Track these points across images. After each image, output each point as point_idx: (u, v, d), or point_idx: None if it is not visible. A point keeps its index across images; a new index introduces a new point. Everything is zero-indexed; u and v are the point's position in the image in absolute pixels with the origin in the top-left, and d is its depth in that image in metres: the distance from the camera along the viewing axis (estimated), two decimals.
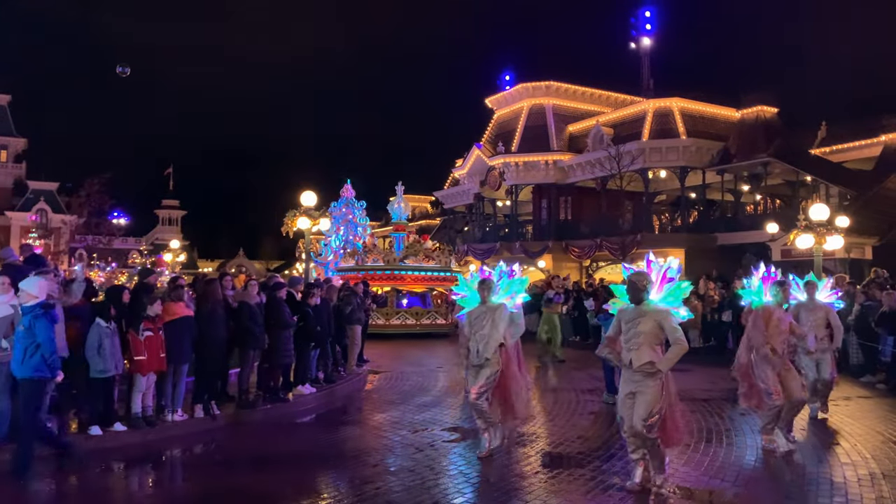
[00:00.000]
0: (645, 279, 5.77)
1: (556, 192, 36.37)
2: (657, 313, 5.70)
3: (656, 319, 5.65)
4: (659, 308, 5.75)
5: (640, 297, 5.76)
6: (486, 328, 6.94)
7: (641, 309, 5.74)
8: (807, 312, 8.77)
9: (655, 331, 5.64)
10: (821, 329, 8.71)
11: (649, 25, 43.38)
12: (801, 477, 6.33)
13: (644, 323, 5.67)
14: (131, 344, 7.77)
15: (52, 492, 6.29)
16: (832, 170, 28.98)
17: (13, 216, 55.78)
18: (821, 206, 16.59)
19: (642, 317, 5.70)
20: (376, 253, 23.40)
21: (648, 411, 5.57)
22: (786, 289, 7.34)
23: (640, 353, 5.64)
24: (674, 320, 5.71)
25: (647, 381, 5.63)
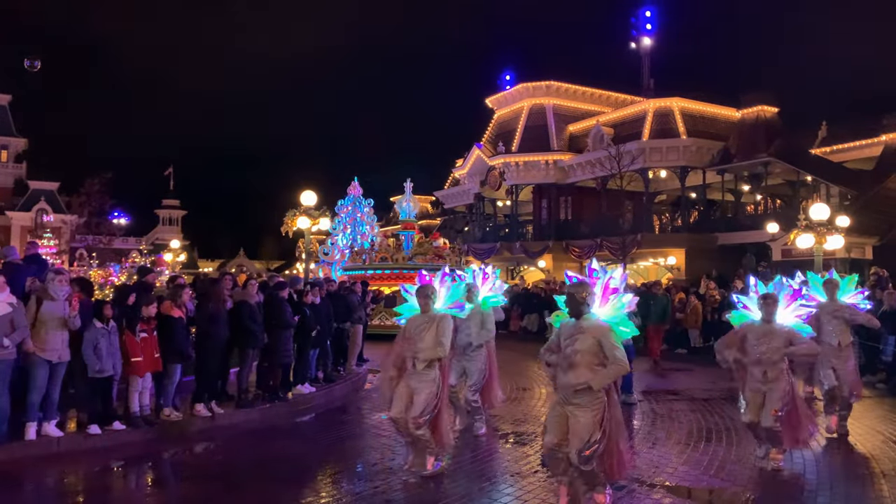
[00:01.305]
0: (585, 291, 5.19)
1: (556, 192, 36.37)
2: (596, 330, 5.07)
3: (595, 337, 5.02)
4: (599, 325, 5.12)
5: (580, 311, 5.17)
6: (425, 340, 6.21)
7: (580, 324, 5.14)
8: (828, 316, 7.94)
9: (594, 349, 5.01)
10: (845, 335, 7.96)
11: (650, 25, 43.38)
12: (802, 476, 6.32)
13: (582, 340, 5.05)
14: (127, 345, 7.77)
15: (51, 490, 6.29)
16: (832, 169, 28.97)
17: (14, 216, 55.76)
18: (821, 206, 16.57)
19: (581, 333, 5.08)
20: (384, 252, 22.96)
21: (584, 440, 4.91)
22: (770, 304, 6.48)
23: (575, 373, 5.01)
24: (614, 338, 5.07)
25: (584, 403, 4.98)
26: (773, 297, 6.51)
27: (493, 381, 8.17)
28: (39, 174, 57.20)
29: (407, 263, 22.02)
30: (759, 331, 6.48)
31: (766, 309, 6.48)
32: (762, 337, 6.43)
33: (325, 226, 18.52)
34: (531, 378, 12.83)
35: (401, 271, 21.69)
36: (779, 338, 6.39)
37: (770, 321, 6.46)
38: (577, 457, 4.91)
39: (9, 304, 6.89)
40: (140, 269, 11.92)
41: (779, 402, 6.23)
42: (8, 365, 6.89)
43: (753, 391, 6.44)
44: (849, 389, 7.87)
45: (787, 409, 6.28)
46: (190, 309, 8.76)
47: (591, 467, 4.96)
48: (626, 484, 5.79)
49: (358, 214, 27.59)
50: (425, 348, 6.17)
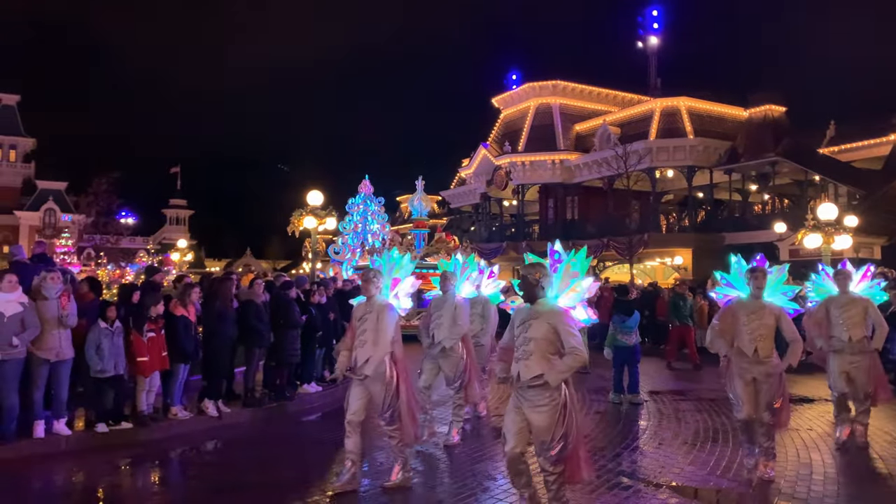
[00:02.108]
0: (539, 272, 4.72)
1: (562, 192, 36.33)
2: (551, 315, 4.62)
3: (550, 322, 4.59)
4: (555, 309, 4.67)
5: (534, 295, 4.71)
6: (366, 333, 5.66)
7: (535, 309, 4.70)
8: (838, 309, 7.36)
9: (549, 336, 4.57)
10: (857, 328, 7.24)
11: (656, 24, 43.28)
12: (808, 477, 6.29)
13: (536, 326, 4.61)
14: (134, 345, 7.80)
15: (59, 488, 6.32)
16: (841, 169, 28.85)
17: (22, 215, 56.09)
18: (829, 206, 16.51)
19: (535, 319, 4.65)
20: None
21: (548, 441, 4.53)
22: (758, 276, 6.06)
23: (529, 363, 4.58)
24: (570, 323, 4.63)
25: (540, 399, 4.55)
26: (761, 270, 6.11)
27: (471, 378, 7.56)
28: (47, 174, 57.53)
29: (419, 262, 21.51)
30: (750, 307, 6.10)
31: (754, 283, 6.07)
32: (753, 313, 6.05)
33: (331, 225, 18.51)
34: None
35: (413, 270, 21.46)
36: (770, 314, 6.03)
37: (759, 296, 6.08)
38: (545, 459, 4.55)
39: (20, 303, 6.94)
40: (148, 268, 11.98)
41: (775, 393, 5.96)
42: (17, 364, 6.93)
43: (745, 381, 6.03)
44: (864, 392, 7.27)
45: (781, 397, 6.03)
46: (198, 308, 8.80)
47: (561, 468, 4.57)
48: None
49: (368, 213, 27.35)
50: (366, 340, 5.64)
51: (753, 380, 6.01)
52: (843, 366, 7.29)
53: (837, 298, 7.44)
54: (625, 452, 7.12)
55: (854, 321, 7.23)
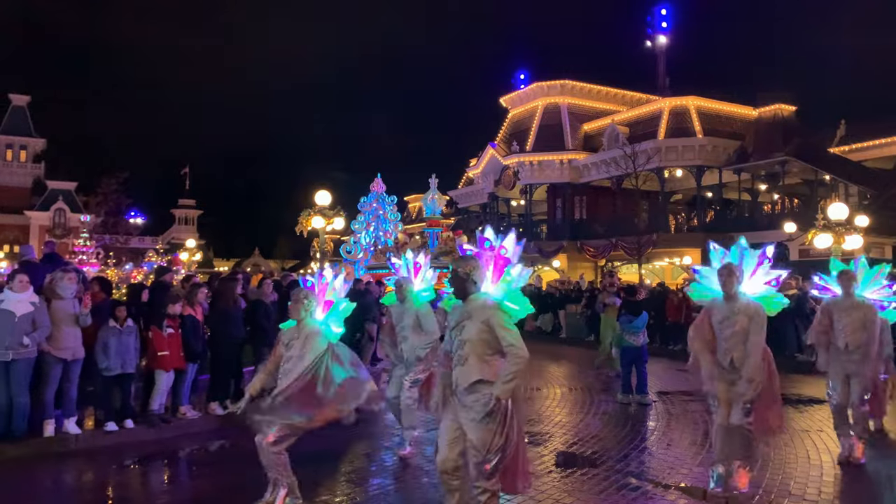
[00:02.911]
0: (470, 265, 4.26)
1: (570, 192, 36.26)
2: (484, 311, 4.15)
3: (483, 320, 4.12)
4: (486, 303, 4.19)
5: (466, 290, 4.25)
6: (291, 361, 5.17)
7: (467, 308, 4.24)
8: (840, 312, 6.72)
9: (484, 336, 4.12)
10: (857, 335, 6.58)
11: (665, 23, 43.11)
12: (819, 479, 6.25)
13: (469, 326, 4.16)
14: (154, 340, 7.87)
15: (68, 486, 6.36)
16: (851, 168, 28.67)
17: (32, 215, 56.49)
18: (840, 206, 16.42)
19: (468, 319, 4.19)
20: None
21: (484, 452, 4.06)
22: (730, 273, 5.34)
23: (465, 369, 4.14)
24: (504, 319, 4.15)
25: (477, 408, 4.08)
26: (728, 269, 5.35)
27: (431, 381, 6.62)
28: (57, 174, 57.90)
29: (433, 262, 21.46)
30: (722, 310, 5.43)
31: (723, 282, 5.37)
32: (725, 320, 5.39)
33: (339, 225, 18.54)
34: (544, 378, 12.80)
35: None
36: (744, 316, 5.30)
37: (732, 296, 5.37)
38: (478, 472, 4.08)
39: (31, 303, 7.00)
40: (158, 268, 12.04)
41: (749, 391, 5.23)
42: (28, 363, 6.99)
43: (725, 383, 5.43)
44: (859, 401, 6.57)
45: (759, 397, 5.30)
46: (205, 308, 8.85)
47: (494, 483, 4.12)
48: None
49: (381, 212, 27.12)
50: (290, 369, 5.14)
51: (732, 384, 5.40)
52: (840, 372, 6.71)
53: (840, 301, 6.82)
54: (633, 453, 7.09)
55: (853, 327, 6.62)
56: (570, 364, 14.93)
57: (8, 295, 6.99)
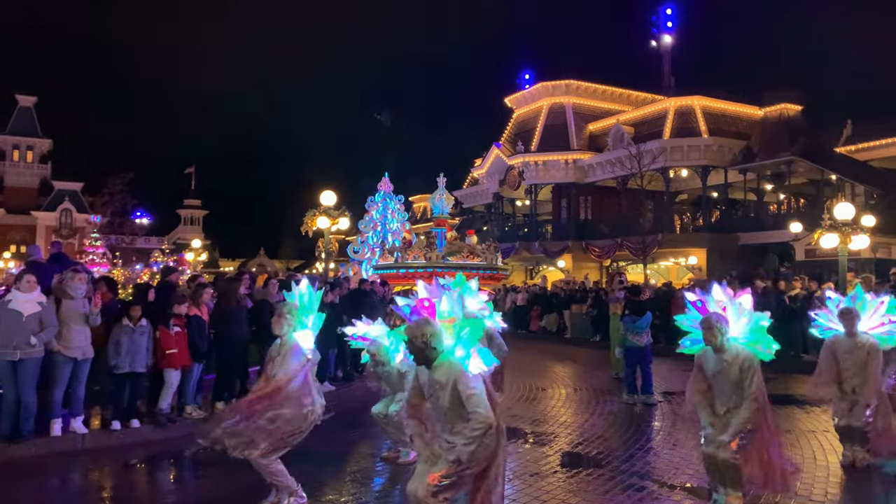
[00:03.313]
0: (424, 330, 3.95)
1: (575, 192, 36.21)
2: (450, 376, 3.88)
3: (451, 387, 3.88)
4: (450, 369, 3.91)
5: (428, 358, 3.97)
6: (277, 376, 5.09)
7: (434, 378, 3.97)
8: (844, 354, 6.51)
9: (457, 401, 3.87)
10: (857, 378, 6.45)
11: (670, 23, 43.01)
12: (825, 480, 6.23)
13: (444, 396, 3.93)
14: (162, 339, 7.91)
15: (75, 486, 6.38)
16: (858, 168, 28.53)
17: (39, 216, 56.77)
18: (846, 205, 16.32)
19: (440, 389, 3.95)
20: (416, 249, 21.19)
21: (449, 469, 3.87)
22: (707, 329, 5.10)
23: (453, 436, 3.92)
24: (467, 379, 3.85)
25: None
26: (708, 322, 5.10)
27: None
28: (64, 175, 58.15)
29: (441, 262, 20.36)
30: (713, 362, 5.19)
31: (705, 336, 5.14)
32: (717, 373, 5.16)
33: (344, 225, 18.52)
34: (549, 378, 12.79)
35: (434, 270, 19.33)
36: (735, 367, 5.06)
37: (720, 349, 5.12)
38: (425, 485, 3.87)
39: (38, 303, 7.04)
40: (164, 268, 12.09)
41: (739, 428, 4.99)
42: (36, 363, 7.03)
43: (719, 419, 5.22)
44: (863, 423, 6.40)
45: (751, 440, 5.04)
46: (210, 308, 8.88)
47: None
48: None
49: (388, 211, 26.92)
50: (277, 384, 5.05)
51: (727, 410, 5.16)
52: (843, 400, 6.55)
53: (843, 342, 6.57)
54: (639, 453, 7.09)
55: (856, 369, 6.43)
56: (575, 364, 14.92)
57: (15, 295, 7.03)
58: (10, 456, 6.74)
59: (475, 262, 20.48)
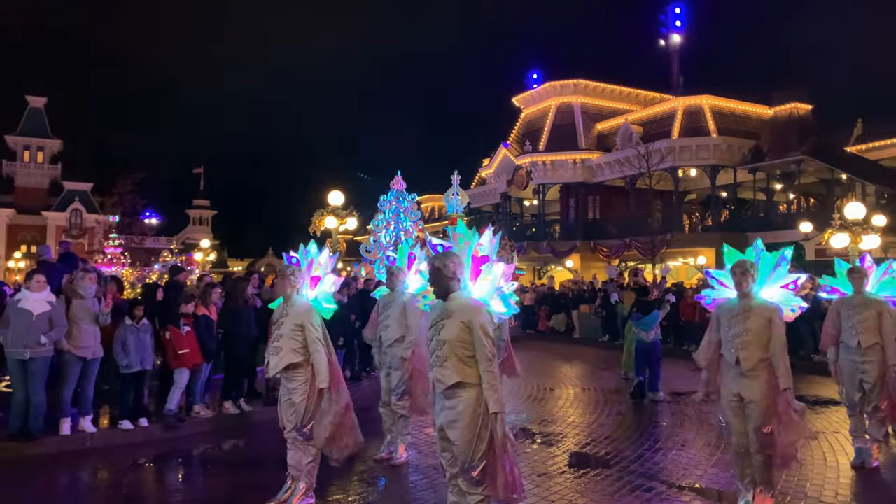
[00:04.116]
0: (454, 261, 4.07)
1: (584, 192, 36.12)
2: (464, 311, 3.98)
3: (463, 321, 3.94)
4: (469, 304, 4.03)
5: (449, 288, 4.06)
6: (282, 339, 5.16)
7: (447, 307, 4.05)
8: (849, 310, 6.51)
9: (464, 337, 3.92)
10: (867, 333, 6.35)
11: (679, 22, 42.78)
12: (836, 481, 6.18)
13: (449, 327, 3.97)
14: (173, 339, 7.94)
15: (85, 484, 6.41)
16: (868, 168, 28.33)
17: (49, 216, 57.11)
18: (856, 205, 16.25)
19: (447, 318, 4.00)
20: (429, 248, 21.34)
21: (469, 458, 3.89)
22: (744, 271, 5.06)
23: (445, 371, 3.95)
24: (486, 321, 3.95)
25: (458, 410, 3.93)
26: (741, 266, 5.08)
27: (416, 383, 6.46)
28: (74, 175, 58.48)
29: None
30: (733, 310, 5.13)
31: (736, 280, 5.09)
32: (736, 317, 5.07)
33: (352, 225, 18.55)
34: (557, 378, 12.76)
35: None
36: (758, 315, 4.98)
37: (746, 295, 5.08)
38: (466, 481, 3.91)
39: (48, 302, 7.08)
40: (172, 268, 12.13)
41: (762, 417, 4.89)
42: (46, 362, 7.08)
43: (733, 402, 5.07)
44: (873, 405, 6.37)
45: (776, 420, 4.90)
46: (219, 308, 8.91)
47: (485, 490, 3.91)
48: None
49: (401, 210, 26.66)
50: (280, 347, 5.15)
51: (740, 398, 5.05)
52: (853, 374, 6.49)
53: (850, 299, 6.60)
54: (647, 454, 7.05)
55: (865, 325, 6.37)
56: (583, 364, 14.87)
57: (25, 294, 7.08)
58: (20, 454, 6.79)
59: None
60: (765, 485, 5.05)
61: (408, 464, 6.68)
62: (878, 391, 6.37)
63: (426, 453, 7.04)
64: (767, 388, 4.93)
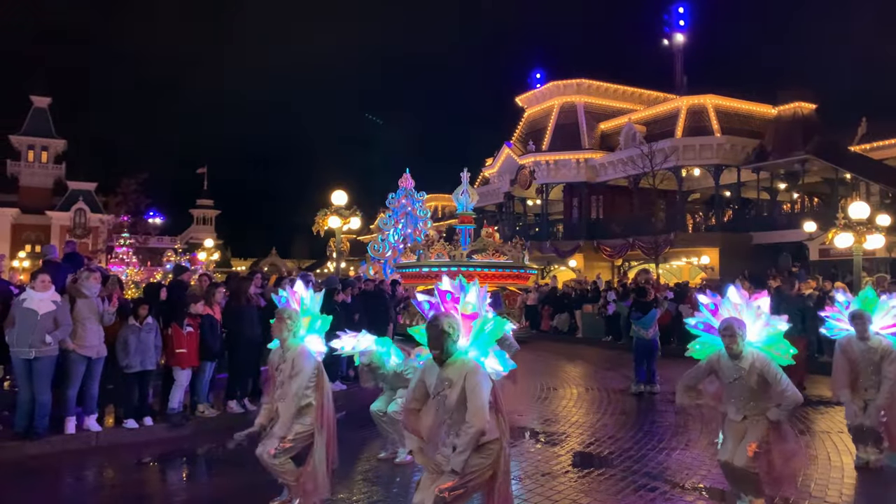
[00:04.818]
0: (450, 320, 3.90)
1: (587, 191, 36.09)
2: (462, 375, 3.83)
3: (461, 385, 3.81)
4: (466, 366, 3.85)
5: (445, 348, 3.88)
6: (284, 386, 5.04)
7: (444, 374, 3.90)
8: (858, 354, 6.48)
9: (465, 399, 3.81)
10: (874, 376, 6.40)
11: (682, 21, 42.71)
12: (840, 481, 6.17)
13: (452, 395, 3.84)
14: (174, 338, 7.96)
15: (90, 483, 6.43)
16: (873, 167, 28.24)
17: (53, 215, 57.20)
18: (861, 205, 16.19)
19: (448, 387, 3.87)
20: (440, 247, 20.01)
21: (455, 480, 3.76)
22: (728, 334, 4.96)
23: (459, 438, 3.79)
24: (480, 381, 3.80)
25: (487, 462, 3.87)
26: (730, 329, 4.93)
27: None
28: (78, 175, 58.58)
29: (465, 260, 19.09)
30: (729, 369, 5.06)
31: (726, 343, 4.98)
32: (734, 381, 5.03)
33: (355, 225, 18.53)
34: (561, 378, 12.76)
35: (458, 269, 18.02)
36: (753, 374, 4.92)
37: (737, 355, 4.98)
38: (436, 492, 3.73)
39: (53, 301, 7.10)
40: (176, 267, 12.16)
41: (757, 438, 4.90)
42: (51, 361, 7.10)
43: (734, 426, 5.13)
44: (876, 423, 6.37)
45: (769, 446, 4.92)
46: (223, 307, 8.93)
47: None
48: None
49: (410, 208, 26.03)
50: (285, 394, 5.02)
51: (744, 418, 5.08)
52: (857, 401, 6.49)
53: (855, 344, 6.50)
54: (650, 453, 7.05)
55: (871, 371, 6.38)
56: (586, 364, 14.87)
57: (30, 294, 7.10)
58: (25, 453, 6.82)
59: (502, 260, 19.37)
60: (756, 495, 5.04)
61: (413, 463, 6.68)
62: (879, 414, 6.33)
63: None
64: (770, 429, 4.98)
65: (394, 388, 6.75)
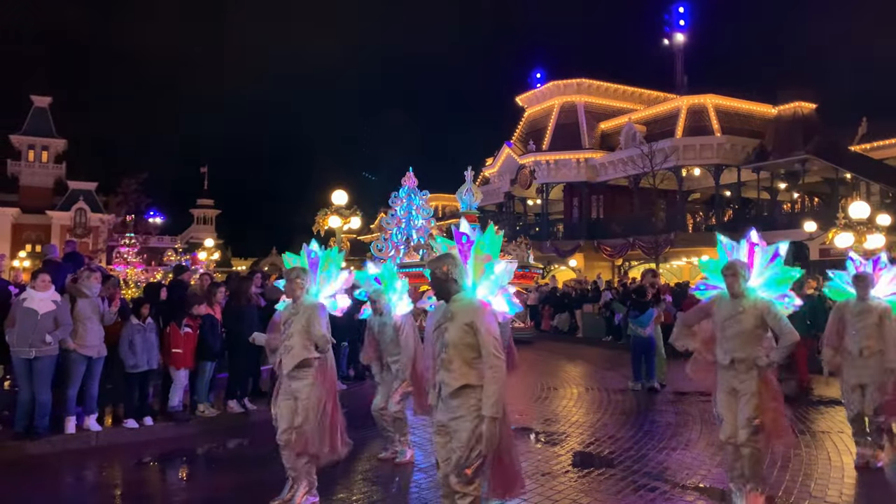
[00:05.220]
0: (447, 263, 3.99)
1: (587, 191, 36.10)
2: (467, 312, 3.90)
3: (466, 322, 3.87)
4: (472, 305, 3.95)
5: (448, 291, 3.99)
6: (293, 338, 5.06)
7: (450, 308, 3.98)
8: (853, 316, 6.39)
9: (468, 339, 3.87)
10: (870, 339, 6.25)
11: (683, 21, 42.74)
12: (840, 480, 6.17)
13: (452, 329, 3.91)
14: (171, 337, 7.97)
15: (90, 483, 6.43)
16: (873, 167, 28.26)
17: (54, 215, 57.19)
18: (861, 204, 16.22)
19: (449, 321, 3.93)
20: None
21: (465, 455, 3.85)
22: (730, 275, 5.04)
23: (450, 374, 3.91)
24: (489, 321, 3.90)
25: (461, 409, 3.89)
26: (732, 268, 5.03)
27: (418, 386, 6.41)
28: (78, 174, 58.58)
29: None
30: (726, 308, 5.08)
31: (728, 281, 5.04)
32: (729, 318, 5.03)
33: (355, 224, 18.56)
34: (561, 378, 12.76)
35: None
36: (751, 315, 4.93)
37: (738, 295, 5.02)
38: (457, 476, 3.85)
39: (53, 301, 7.11)
40: (176, 267, 12.16)
41: (753, 408, 4.90)
42: (51, 361, 7.10)
43: (727, 393, 5.10)
44: (873, 407, 6.27)
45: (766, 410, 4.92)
46: (223, 307, 8.94)
47: (476, 490, 3.90)
48: None
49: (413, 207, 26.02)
50: (292, 346, 5.05)
51: (734, 391, 5.07)
52: (855, 379, 6.39)
53: (852, 305, 6.49)
54: (651, 453, 7.05)
55: (867, 332, 6.27)
56: (586, 364, 14.87)
57: (31, 293, 7.10)
58: (25, 453, 6.82)
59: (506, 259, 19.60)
60: (754, 480, 5.04)
61: (412, 463, 6.68)
62: (880, 395, 6.27)
63: (430, 452, 7.03)
64: (760, 382, 4.97)
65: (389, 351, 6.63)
